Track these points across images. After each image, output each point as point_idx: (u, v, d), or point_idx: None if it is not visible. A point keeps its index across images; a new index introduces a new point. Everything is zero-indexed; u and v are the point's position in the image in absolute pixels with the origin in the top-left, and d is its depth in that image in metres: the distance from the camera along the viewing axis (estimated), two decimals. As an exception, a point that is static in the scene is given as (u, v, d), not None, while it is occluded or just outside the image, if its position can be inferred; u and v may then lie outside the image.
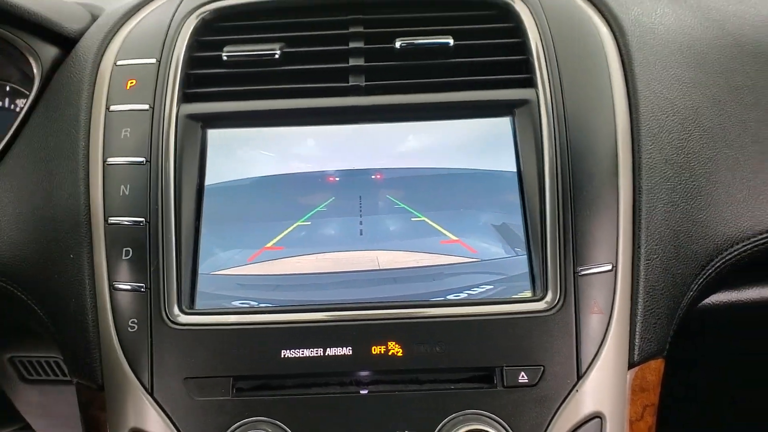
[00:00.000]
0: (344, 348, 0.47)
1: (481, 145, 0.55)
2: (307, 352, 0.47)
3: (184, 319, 0.48)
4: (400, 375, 0.47)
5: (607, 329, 0.48)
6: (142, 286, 0.49)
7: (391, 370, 0.47)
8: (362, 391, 0.47)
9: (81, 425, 0.51)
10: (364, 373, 0.47)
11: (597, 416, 0.46)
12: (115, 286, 0.49)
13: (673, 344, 0.53)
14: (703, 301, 0.64)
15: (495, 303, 0.49)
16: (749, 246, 0.54)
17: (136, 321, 0.48)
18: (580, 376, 0.46)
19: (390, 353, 0.47)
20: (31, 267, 0.53)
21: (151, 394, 0.47)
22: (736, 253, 0.54)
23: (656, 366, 0.50)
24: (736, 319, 0.69)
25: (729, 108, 0.57)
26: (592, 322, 0.48)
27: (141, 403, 0.46)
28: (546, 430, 0.45)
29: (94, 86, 0.55)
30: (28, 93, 0.61)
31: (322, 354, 0.47)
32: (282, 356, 0.47)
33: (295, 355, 0.47)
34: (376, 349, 0.47)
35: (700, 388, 0.82)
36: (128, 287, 0.49)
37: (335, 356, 0.47)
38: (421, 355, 0.47)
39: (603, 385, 0.47)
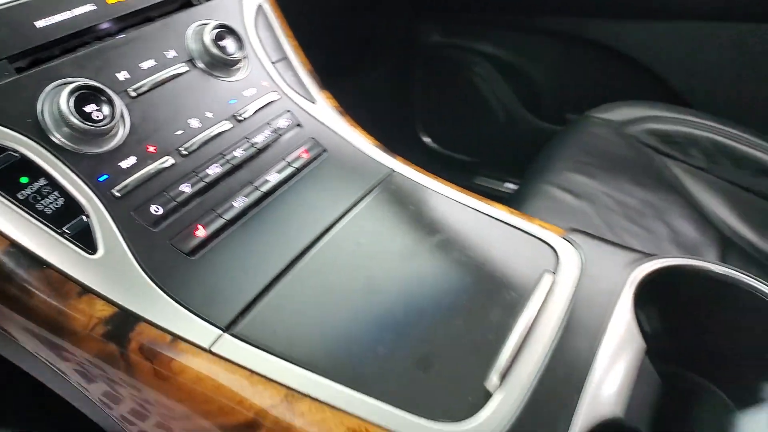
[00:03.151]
0: (88, 5, 0.53)
1: None
2: (58, 17, 0.50)
3: None
4: (138, 16, 0.57)
5: None
6: None
7: (128, 14, 0.56)
8: (119, 36, 0.55)
9: None
10: (107, 26, 0.54)
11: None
12: None
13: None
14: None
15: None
16: None
17: None
18: None
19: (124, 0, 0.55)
20: None
21: None
22: None
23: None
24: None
25: None
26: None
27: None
28: None
29: None
30: None
31: (71, 15, 0.51)
32: (38, 26, 0.49)
33: (48, 23, 0.50)
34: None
35: None
36: None
37: (83, 13, 0.52)
38: None
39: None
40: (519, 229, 0.56)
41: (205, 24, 0.59)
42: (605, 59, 1.36)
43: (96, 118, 0.48)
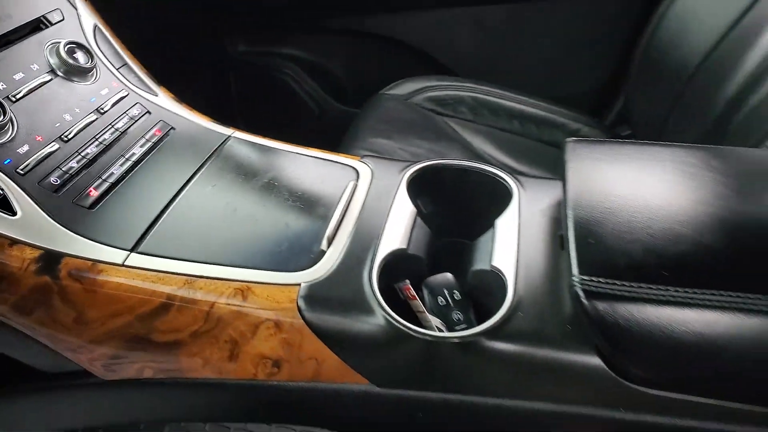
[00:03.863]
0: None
1: None
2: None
3: None
4: (-1, 41, 0.72)
5: None
6: None
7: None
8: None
9: None
10: None
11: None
12: None
13: None
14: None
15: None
16: None
17: None
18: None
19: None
20: None
21: None
22: None
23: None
24: None
25: None
26: None
27: None
28: None
29: None
30: None
31: None
32: None
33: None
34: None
35: None
36: None
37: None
38: None
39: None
40: (330, 160, 0.80)
41: (58, 42, 0.75)
42: (387, 47, 1.66)
43: (-10, 117, 0.63)
